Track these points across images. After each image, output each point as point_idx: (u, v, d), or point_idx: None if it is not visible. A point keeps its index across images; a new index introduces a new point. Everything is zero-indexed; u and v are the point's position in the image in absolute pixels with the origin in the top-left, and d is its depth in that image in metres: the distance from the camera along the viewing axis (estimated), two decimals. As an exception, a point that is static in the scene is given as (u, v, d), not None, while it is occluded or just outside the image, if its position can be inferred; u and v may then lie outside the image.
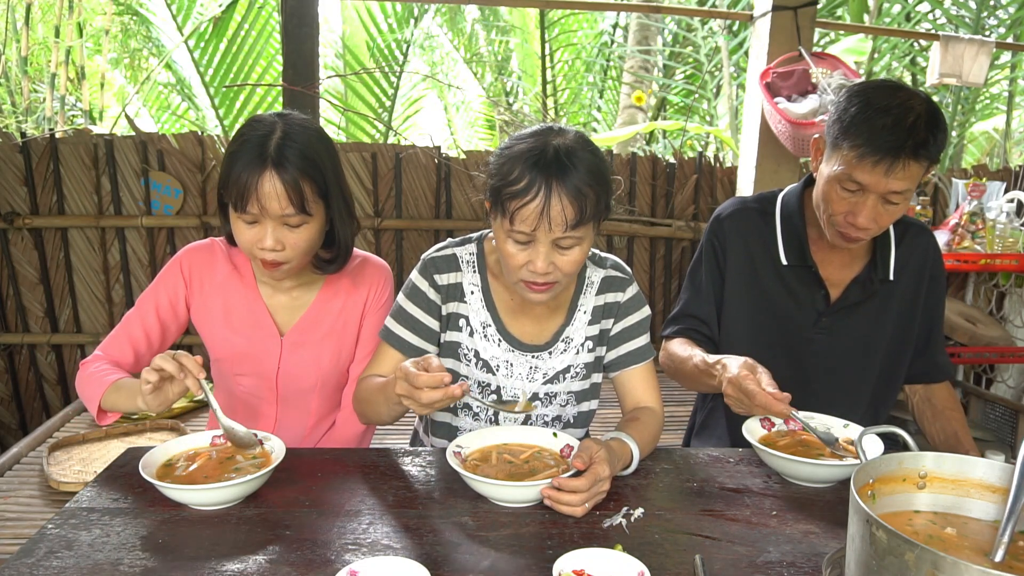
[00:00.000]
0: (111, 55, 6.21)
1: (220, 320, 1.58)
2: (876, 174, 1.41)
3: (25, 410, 3.74)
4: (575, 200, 1.24)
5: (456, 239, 1.53)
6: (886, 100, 1.42)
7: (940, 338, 1.75)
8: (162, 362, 1.25)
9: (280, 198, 1.36)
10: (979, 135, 7.17)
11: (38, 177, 3.45)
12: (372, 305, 1.63)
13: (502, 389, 1.49)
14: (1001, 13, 5.57)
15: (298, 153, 1.37)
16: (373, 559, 0.99)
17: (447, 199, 3.76)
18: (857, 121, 1.42)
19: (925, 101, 1.43)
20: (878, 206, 1.46)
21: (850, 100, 1.46)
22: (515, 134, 1.35)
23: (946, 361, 1.75)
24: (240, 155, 1.36)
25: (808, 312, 1.66)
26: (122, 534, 1.10)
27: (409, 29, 5.53)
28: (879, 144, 1.39)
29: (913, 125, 1.39)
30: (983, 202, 3.37)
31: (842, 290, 1.66)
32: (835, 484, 1.31)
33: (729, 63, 5.56)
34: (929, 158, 1.42)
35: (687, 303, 1.76)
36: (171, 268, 1.59)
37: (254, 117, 1.45)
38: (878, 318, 1.67)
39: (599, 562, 1.00)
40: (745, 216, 1.72)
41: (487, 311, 1.47)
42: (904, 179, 1.41)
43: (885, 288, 1.66)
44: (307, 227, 1.42)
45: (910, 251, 1.68)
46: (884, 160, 1.40)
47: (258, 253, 1.42)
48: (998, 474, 0.94)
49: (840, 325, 1.66)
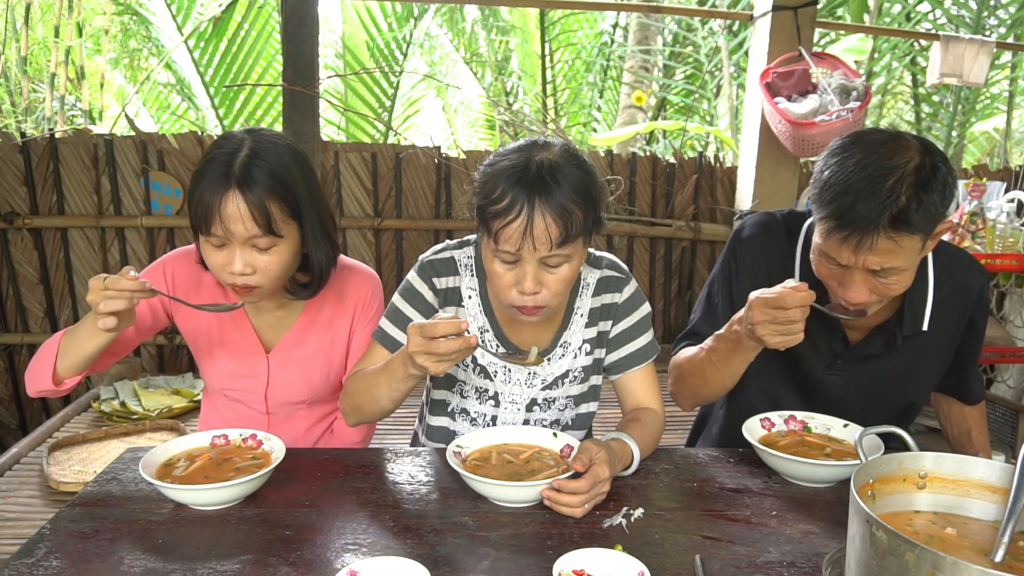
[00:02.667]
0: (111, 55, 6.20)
1: (205, 337, 1.54)
2: (846, 251, 1.21)
3: (25, 410, 3.75)
4: (559, 218, 1.19)
5: (454, 242, 1.49)
6: (865, 157, 1.20)
7: (973, 367, 1.56)
8: (106, 307, 1.21)
9: (245, 219, 1.28)
10: (979, 135, 7.18)
11: (38, 177, 3.45)
12: (361, 317, 1.58)
13: (500, 395, 1.47)
14: (1001, 13, 5.58)
15: (266, 171, 1.30)
16: (373, 559, 0.99)
17: (447, 199, 3.76)
18: (828, 186, 1.22)
19: (920, 154, 1.19)
20: (869, 280, 1.25)
21: (827, 159, 1.26)
22: (499, 149, 1.31)
23: (979, 388, 1.59)
24: (205, 174, 1.30)
25: (823, 353, 1.49)
26: (122, 534, 1.10)
27: (409, 28, 5.53)
28: (846, 217, 1.18)
29: (892, 190, 1.15)
30: (983, 202, 3.36)
31: (863, 335, 1.46)
32: (835, 484, 1.31)
33: (729, 63, 5.56)
34: (912, 232, 1.17)
35: (697, 322, 1.62)
36: (153, 272, 1.51)
37: (224, 134, 1.39)
38: (905, 368, 1.48)
39: (599, 562, 1.00)
40: (766, 237, 1.53)
41: (485, 316, 1.45)
42: (881, 255, 1.19)
43: (916, 338, 1.44)
44: (278, 250, 1.35)
45: (953, 295, 1.43)
46: (853, 236, 1.18)
47: (227, 278, 1.35)
48: (998, 474, 0.94)
49: (856, 370, 1.49)
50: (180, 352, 3.76)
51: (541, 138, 1.30)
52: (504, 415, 1.48)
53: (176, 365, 3.76)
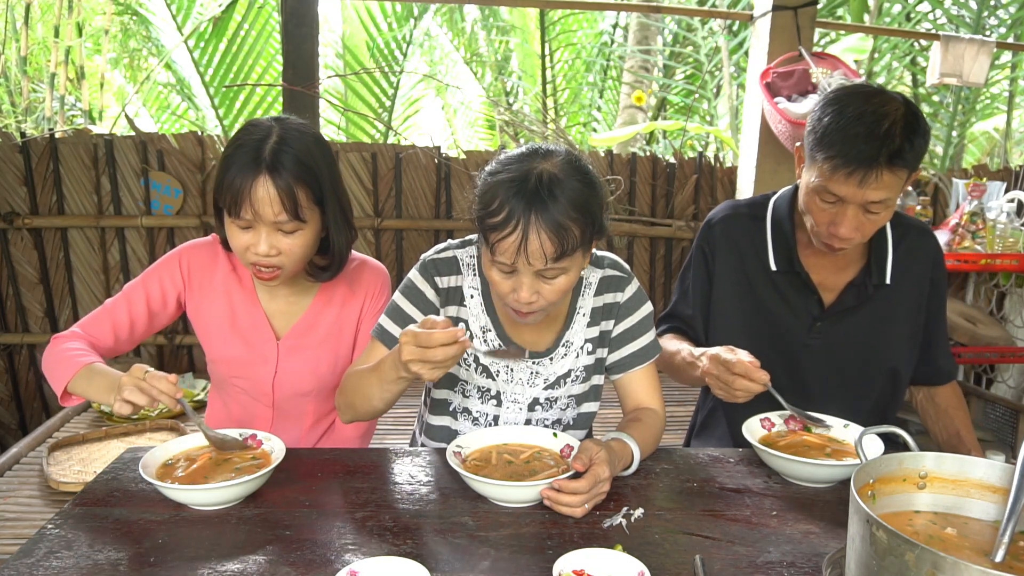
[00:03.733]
0: (111, 55, 6.20)
1: (217, 322, 1.58)
2: (850, 185, 1.38)
3: (25, 410, 3.75)
4: (555, 234, 1.18)
5: (456, 241, 1.49)
6: (860, 107, 1.38)
7: (942, 341, 1.72)
8: (131, 396, 1.24)
9: (274, 203, 1.34)
10: (979, 135, 7.17)
11: (38, 177, 3.45)
12: (369, 309, 1.62)
13: (502, 394, 1.47)
14: (1001, 13, 5.57)
15: (293, 158, 1.36)
16: (373, 559, 0.99)
17: (447, 199, 3.76)
18: (830, 131, 1.39)
19: (903, 105, 1.39)
20: (859, 216, 1.43)
21: (824, 109, 1.43)
22: (502, 156, 1.30)
23: (949, 365, 1.73)
24: (235, 159, 1.35)
25: (802, 318, 1.64)
26: (122, 534, 1.10)
27: (409, 28, 5.53)
28: (851, 155, 1.35)
29: (887, 132, 1.34)
30: (983, 202, 3.36)
31: (836, 295, 1.63)
32: (835, 484, 1.31)
33: (729, 63, 5.56)
34: (906, 167, 1.37)
35: (675, 304, 1.80)
36: (169, 262, 1.57)
37: (251, 121, 1.43)
38: (878, 323, 1.63)
39: (599, 562, 1.00)
40: (736, 221, 1.70)
41: (487, 315, 1.45)
42: (880, 189, 1.37)
43: (883, 292, 1.62)
44: (302, 233, 1.41)
45: (910, 254, 1.64)
46: (857, 171, 1.36)
47: (252, 259, 1.41)
48: (998, 474, 0.94)
49: (836, 330, 1.63)
50: (180, 352, 3.75)
51: (544, 145, 1.29)
52: (506, 414, 1.48)
53: (176, 365, 3.76)
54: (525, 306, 1.28)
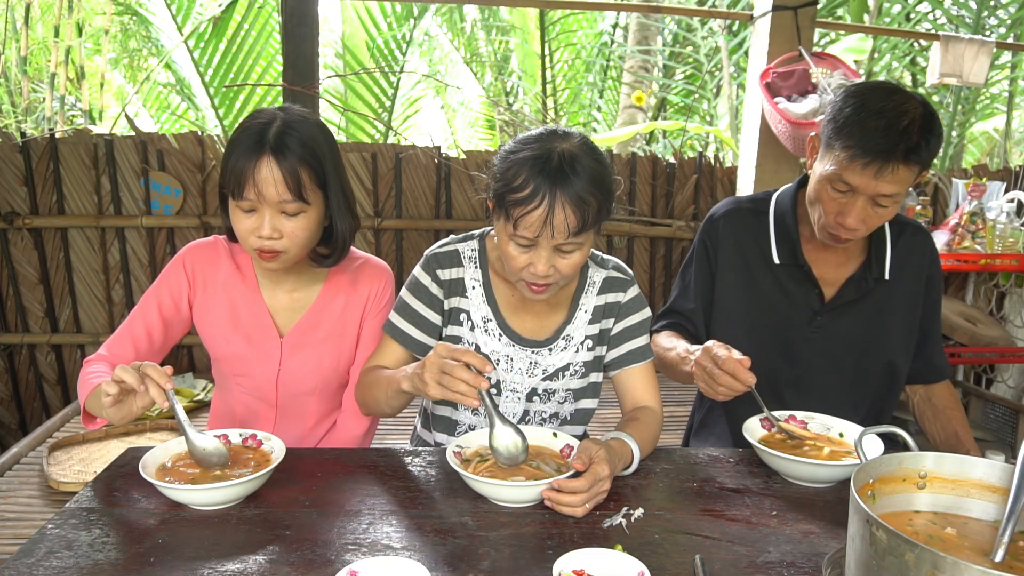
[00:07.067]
0: (111, 55, 6.20)
1: (221, 320, 1.58)
2: (866, 176, 1.41)
3: (25, 410, 3.74)
4: (578, 208, 1.25)
5: (458, 236, 1.55)
6: (881, 102, 1.42)
7: (937, 339, 1.75)
8: (122, 373, 1.18)
9: (277, 183, 1.36)
10: (979, 135, 7.17)
11: (38, 177, 3.45)
12: (372, 307, 1.63)
13: (501, 383, 1.50)
14: (1001, 13, 5.57)
15: (297, 140, 1.38)
16: (373, 559, 0.99)
17: (447, 199, 3.76)
18: (851, 122, 1.42)
19: (921, 105, 1.42)
20: (867, 208, 1.46)
21: (846, 100, 1.46)
22: (519, 136, 1.36)
23: (943, 362, 1.76)
24: (240, 142, 1.38)
25: (803, 311, 1.66)
26: (122, 534, 1.10)
27: (408, 28, 5.53)
28: (870, 147, 1.39)
29: (906, 129, 1.38)
30: (983, 202, 3.37)
31: (836, 289, 1.66)
32: (835, 484, 1.31)
33: (729, 63, 5.56)
34: (920, 163, 1.42)
35: (675, 300, 1.80)
36: (174, 266, 1.58)
37: (256, 110, 1.46)
38: (877, 317, 1.66)
39: (599, 562, 1.00)
40: (738, 216, 1.73)
41: (488, 306, 1.50)
42: (893, 183, 1.41)
43: (882, 287, 1.66)
44: (305, 216, 1.42)
45: (907, 251, 1.68)
46: (874, 163, 1.39)
47: (255, 242, 1.41)
48: (998, 474, 0.94)
49: (836, 324, 1.66)
50: (180, 352, 3.75)
51: (560, 127, 1.35)
52: (504, 404, 1.51)
53: (176, 365, 3.76)
54: (541, 278, 1.32)
